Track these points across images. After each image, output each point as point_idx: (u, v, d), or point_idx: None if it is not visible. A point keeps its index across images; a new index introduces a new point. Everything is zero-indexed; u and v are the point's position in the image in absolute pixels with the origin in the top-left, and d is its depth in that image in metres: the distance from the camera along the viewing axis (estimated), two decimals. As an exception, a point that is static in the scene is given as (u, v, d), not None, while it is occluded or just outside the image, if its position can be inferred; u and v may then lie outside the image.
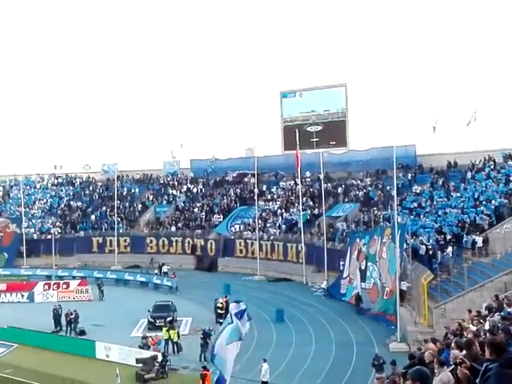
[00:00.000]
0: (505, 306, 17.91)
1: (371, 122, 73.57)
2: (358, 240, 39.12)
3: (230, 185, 62.46)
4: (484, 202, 38.33)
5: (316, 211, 51.69)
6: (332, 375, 24.80)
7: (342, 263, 41.27)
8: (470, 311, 20.68)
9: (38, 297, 42.17)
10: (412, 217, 41.10)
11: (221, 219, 57.29)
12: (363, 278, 36.66)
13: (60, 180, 70.47)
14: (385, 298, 33.69)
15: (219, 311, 33.75)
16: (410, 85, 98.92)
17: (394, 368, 18.02)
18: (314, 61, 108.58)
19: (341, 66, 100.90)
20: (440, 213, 39.99)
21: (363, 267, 36.90)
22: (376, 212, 45.59)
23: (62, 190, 68.46)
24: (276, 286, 45.56)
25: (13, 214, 61.99)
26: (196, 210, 60.25)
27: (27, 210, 62.45)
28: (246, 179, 61.04)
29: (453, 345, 11.68)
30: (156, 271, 48.63)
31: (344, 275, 39.89)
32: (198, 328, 31.45)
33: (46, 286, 43.40)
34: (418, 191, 46.46)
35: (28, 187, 68.24)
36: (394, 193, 34.96)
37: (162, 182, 66.76)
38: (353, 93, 60.76)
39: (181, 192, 63.81)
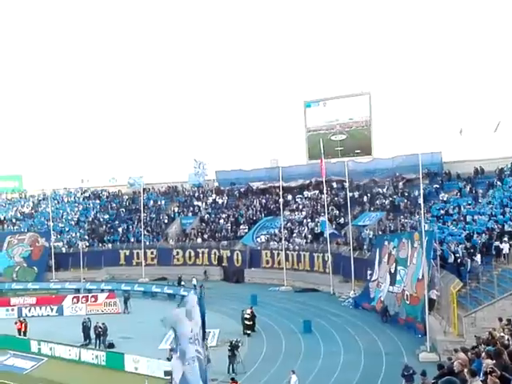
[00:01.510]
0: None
1: (396, 130, 72.94)
2: (386, 243, 38.80)
3: (254, 195, 62.55)
4: (513, 209, 37.79)
5: (342, 220, 51.45)
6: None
7: (369, 272, 40.97)
8: (500, 319, 20.40)
9: (67, 310, 42.57)
10: (439, 224, 40.67)
11: (246, 230, 57.32)
12: (393, 282, 36.33)
13: (87, 194, 71.39)
14: (407, 302, 33.50)
15: (246, 322, 33.78)
16: (435, 91, 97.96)
17: (424, 379, 17.85)
18: (338, 70, 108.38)
19: (364, 74, 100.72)
20: (468, 220, 39.51)
21: (393, 270, 36.59)
22: (403, 220, 45.24)
23: (89, 204, 69.29)
24: (303, 296, 45.35)
25: (42, 228, 62.77)
26: (221, 221, 60.41)
27: (55, 223, 63.18)
28: (270, 189, 60.99)
29: (483, 354, 11.54)
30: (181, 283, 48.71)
31: (372, 278, 39.54)
32: (225, 340, 31.44)
33: (75, 300, 43.76)
34: (445, 198, 45.97)
35: (56, 201, 69.20)
36: (421, 200, 34.68)
37: (187, 193, 67.13)
38: (377, 101, 60.59)
39: (206, 204, 64.08)
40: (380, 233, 45.67)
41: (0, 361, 31.11)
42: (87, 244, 59.97)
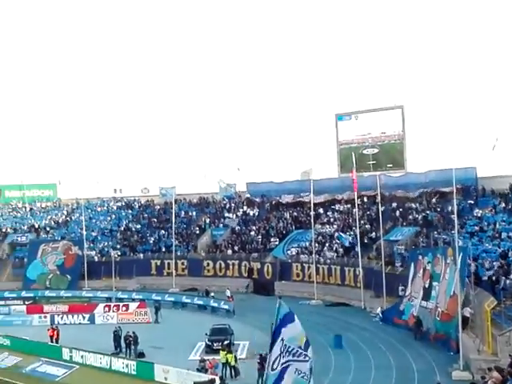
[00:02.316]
0: None
1: (429, 143, 72.31)
2: (420, 258, 38.24)
3: (285, 208, 62.43)
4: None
5: (373, 235, 51.01)
6: (392, 403, 24.24)
7: (401, 288, 40.44)
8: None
9: (98, 318, 42.97)
10: (474, 241, 40.02)
11: (277, 242, 57.17)
12: (426, 297, 35.73)
13: (120, 203, 72.15)
14: (437, 318, 33.04)
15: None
16: (470, 105, 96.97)
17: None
18: (370, 83, 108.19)
19: (397, 87, 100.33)
20: (503, 237, 38.80)
21: (427, 285, 36.05)
22: (436, 236, 44.66)
23: (121, 213, 70.00)
24: (334, 310, 44.99)
25: (75, 237, 63.58)
26: (252, 233, 60.41)
27: (88, 232, 63.90)
28: (301, 202, 60.75)
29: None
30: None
31: (406, 293, 39.02)
32: (255, 352, 31.29)
33: (106, 308, 44.18)
34: (479, 215, 45.25)
35: (89, 210, 70.09)
36: (455, 216, 34.15)
37: (218, 205, 67.35)
38: (410, 114, 60.23)
39: (236, 215, 64.17)
40: (413, 248, 45.09)
41: (32, 367, 31.46)
42: (119, 253, 60.53)
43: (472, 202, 48.77)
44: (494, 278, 33.61)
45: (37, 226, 68.17)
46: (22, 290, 53.81)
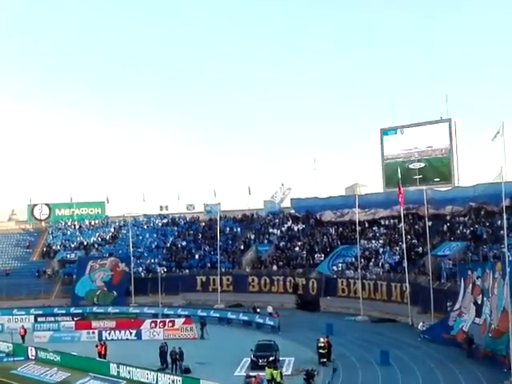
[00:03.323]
0: None
1: (478, 157, 71.03)
2: (469, 273, 37.41)
3: (330, 223, 62.07)
4: None
5: (420, 249, 50.26)
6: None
7: (449, 304, 39.65)
8: None
9: (145, 334, 43.26)
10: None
11: (322, 258, 56.90)
12: (479, 313, 34.93)
13: (165, 220, 72.89)
14: (489, 335, 32.27)
15: (321, 351, 33.31)
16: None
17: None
18: (415, 96, 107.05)
19: (443, 100, 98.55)
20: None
21: (479, 302, 35.19)
22: (485, 250, 43.75)
23: (167, 230, 70.73)
24: (380, 326, 44.34)
25: (122, 254, 64.46)
26: (297, 248, 60.23)
27: (135, 249, 64.73)
28: (346, 217, 60.31)
29: None
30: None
31: (455, 308, 38.19)
32: (300, 368, 31.12)
33: (153, 324, 44.55)
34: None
35: (136, 227, 71.04)
36: (504, 230, 33.43)
37: (262, 221, 67.47)
38: (458, 127, 59.08)
39: (281, 231, 64.13)
40: (462, 262, 44.22)
41: (81, 383, 31.95)
42: (165, 269, 61.07)
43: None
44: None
45: (85, 243, 69.45)
46: (70, 307, 54.54)
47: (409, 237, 51.84)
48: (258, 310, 48.18)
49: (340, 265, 54.59)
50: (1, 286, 58.86)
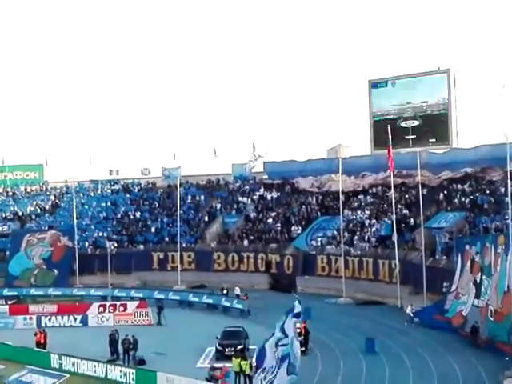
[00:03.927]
0: None
1: (480, 114, 71.52)
2: (467, 247, 38.02)
3: (309, 191, 62.31)
4: None
5: (412, 221, 50.86)
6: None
7: (445, 284, 40.30)
8: None
9: (92, 320, 43.23)
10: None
11: (299, 231, 57.33)
12: (478, 294, 35.61)
13: (116, 187, 72.41)
14: (491, 319, 32.93)
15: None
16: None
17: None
18: (409, 43, 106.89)
19: (442, 48, 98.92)
20: None
21: (478, 280, 35.89)
22: (486, 222, 44.43)
23: (118, 198, 70.27)
24: (365, 310, 45.07)
25: (64, 226, 63.92)
26: (270, 220, 60.48)
27: (80, 220, 64.32)
28: (327, 185, 60.58)
29: None
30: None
31: (452, 289, 38.88)
32: (273, 358, 31.44)
33: (101, 308, 44.46)
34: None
35: (81, 195, 70.43)
36: (508, 199, 33.90)
37: (230, 188, 67.46)
38: (457, 80, 59.40)
39: (252, 200, 64.24)
40: (459, 236, 44.85)
41: (17, 377, 31.69)
42: (116, 244, 60.74)
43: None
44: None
45: (20, 214, 68.73)
46: (3, 288, 54.23)
47: (399, 207, 52.40)
48: (226, 292, 48.42)
49: (320, 239, 55.05)
50: None
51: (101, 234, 63.71)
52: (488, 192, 50.16)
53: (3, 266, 59.88)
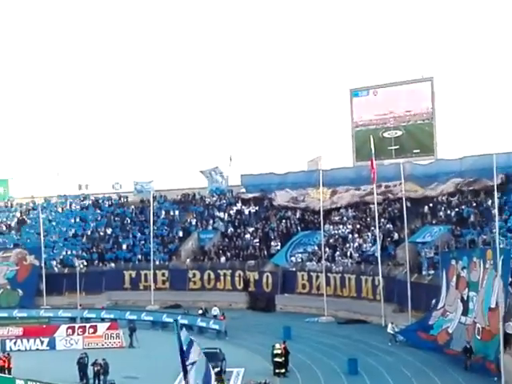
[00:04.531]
0: None
1: (466, 125, 72.28)
2: (453, 262, 38.34)
3: (290, 204, 62.42)
4: None
5: (396, 236, 51.19)
6: None
7: (433, 301, 40.42)
8: None
9: (60, 343, 42.81)
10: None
11: (278, 247, 57.44)
12: (466, 311, 35.86)
13: (86, 202, 72.08)
14: (478, 337, 33.13)
15: (277, 359, 33.65)
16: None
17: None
18: (392, 51, 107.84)
19: (426, 56, 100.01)
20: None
21: (465, 297, 36.14)
22: (473, 236, 44.84)
23: (88, 215, 69.93)
24: (348, 329, 45.20)
25: (31, 244, 63.43)
26: (248, 236, 60.55)
27: (47, 238, 63.84)
28: (308, 199, 60.79)
29: None
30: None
31: (438, 306, 39.10)
32: (252, 381, 31.35)
33: (70, 331, 44.05)
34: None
35: (48, 211, 70.00)
36: (495, 211, 34.30)
37: (206, 202, 67.44)
38: (442, 89, 60.05)
39: (229, 215, 64.25)
40: (445, 250, 45.17)
41: (-21, 403, 31.53)
42: (85, 263, 60.29)
43: (517, 194, 48.92)
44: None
45: (-17, 231, 68.26)
46: (-36, 310, 53.71)
47: (383, 221, 52.67)
48: (204, 312, 48.12)
49: (300, 255, 55.21)
50: None
51: (69, 252, 63.30)
52: (474, 204, 50.63)
53: (-36, 286, 59.36)
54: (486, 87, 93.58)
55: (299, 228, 59.05)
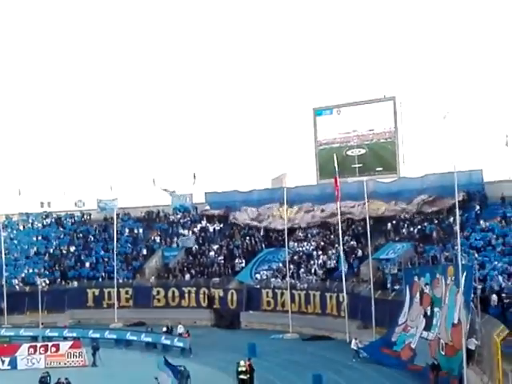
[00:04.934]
0: None
1: (427, 143, 73.06)
2: (416, 279, 38.65)
3: (253, 223, 62.51)
4: None
5: (360, 253, 51.51)
6: None
7: (400, 318, 40.60)
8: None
9: (21, 362, 42.18)
10: (480, 258, 40.58)
11: (243, 264, 57.48)
12: (428, 327, 36.09)
13: (48, 220, 71.41)
14: (442, 353, 33.35)
15: (242, 377, 33.50)
16: (475, 97, 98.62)
17: None
18: (355, 70, 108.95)
19: (388, 76, 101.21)
20: (515, 253, 39.59)
21: (429, 313, 36.41)
22: (435, 252, 45.30)
23: (50, 232, 69.27)
24: (312, 345, 45.16)
25: (-9, 262, 62.55)
26: (212, 253, 60.48)
27: (9, 256, 63.09)
28: (271, 216, 60.95)
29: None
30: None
31: (400, 321, 39.35)
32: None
33: (32, 350, 43.36)
34: (486, 226, 45.98)
35: (9, 229, 69.10)
36: (457, 228, 34.64)
37: (170, 219, 67.26)
38: (404, 108, 60.61)
39: (193, 232, 64.15)
40: (408, 267, 45.52)
41: None
42: (47, 281, 59.86)
43: (478, 211, 49.58)
44: (504, 301, 34.11)
45: None
46: None
47: (346, 238, 52.97)
48: (169, 329, 47.79)
49: (265, 272, 55.26)
50: None
51: (31, 271, 62.68)
52: (436, 221, 51.24)
53: None
54: (447, 106, 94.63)
55: (263, 245, 59.22)
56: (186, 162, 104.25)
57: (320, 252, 54.74)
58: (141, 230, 66.78)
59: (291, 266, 52.48)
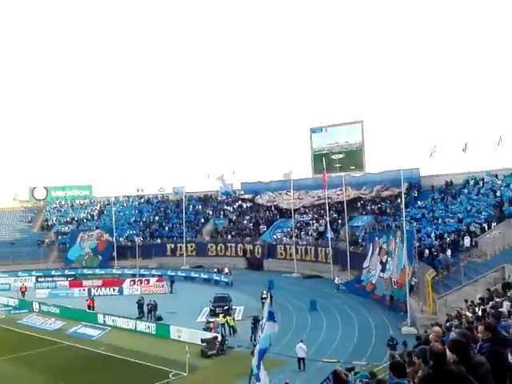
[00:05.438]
0: (494, 297, 17.46)
1: (383, 150, 72.64)
2: (377, 239, 38.48)
3: (271, 203, 62.32)
4: (476, 214, 37.34)
5: (340, 222, 51.28)
6: (356, 353, 24.42)
7: (365, 264, 40.48)
8: (466, 301, 20.23)
9: (126, 290, 42.91)
10: (418, 225, 40.24)
11: (265, 229, 57.32)
12: (383, 270, 35.98)
13: (142, 200, 71.85)
14: (394, 287, 33.26)
15: (264, 301, 33.64)
16: (415, 118, 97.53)
17: (406, 348, 17.70)
18: (337, 101, 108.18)
19: (358, 104, 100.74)
20: (440, 222, 39.11)
21: (384, 261, 36.23)
22: (389, 222, 44.98)
23: (143, 208, 69.73)
24: (310, 281, 45.23)
25: (106, 227, 63.18)
26: (245, 221, 60.43)
27: (117, 223, 63.51)
28: (283, 198, 60.76)
29: (453, 328, 11.49)
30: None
31: (364, 266, 39.22)
32: (248, 314, 31.45)
33: (132, 282, 44.11)
34: (421, 205, 45.54)
35: (118, 206, 69.69)
36: (402, 206, 34.39)
37: (218, 200, 67.35)
38: (368, 126, 59.94)
39: (234, 208, 64.19)
40: (371, 231, 45.30)
41: (74, 329, 31.47)
42: (141, 239, 60.24)
43: (416, 195, 49.05)
44: (433, 254, 33.86)
45: (76, 219, 67.77)
46: (65, 269, 53.46)
47: (331, 212, 52.79)
48: (219, 270, 47.94)
49: (279, 234, 55.07)
50: (8, 253, 56.82)
51: (131, 232, 62.99)
52: (389, 202, 50.79)
53: (64, 254, 58.97)
54: (397, 124, 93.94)
55: (278, 217, 58.97)
56: (228, 161, 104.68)
57: (314, 221, 54.49)
58: (200, 207, 66.70)
59: (296, 231, 52.35)
